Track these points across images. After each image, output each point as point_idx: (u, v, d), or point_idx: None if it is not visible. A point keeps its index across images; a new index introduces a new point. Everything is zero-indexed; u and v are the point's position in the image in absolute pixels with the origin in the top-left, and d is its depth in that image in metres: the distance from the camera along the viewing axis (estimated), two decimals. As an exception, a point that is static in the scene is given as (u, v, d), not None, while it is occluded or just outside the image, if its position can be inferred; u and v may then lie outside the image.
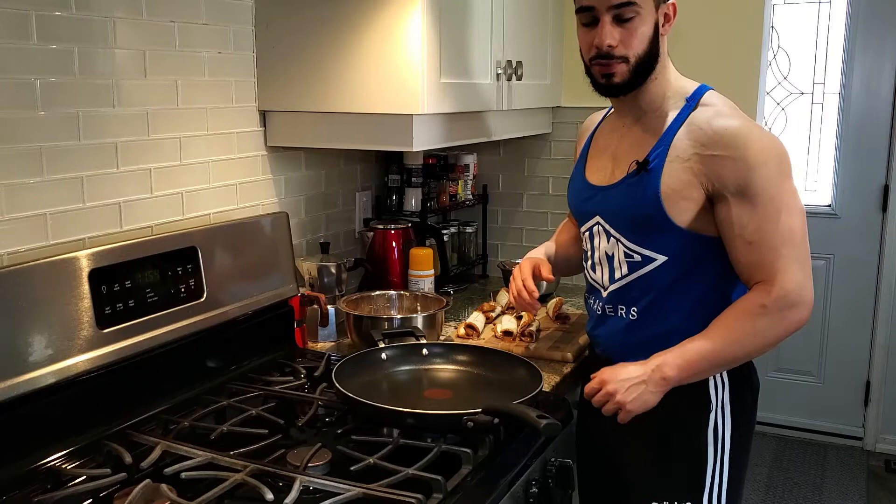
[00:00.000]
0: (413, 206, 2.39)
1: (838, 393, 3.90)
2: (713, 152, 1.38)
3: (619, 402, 1.37)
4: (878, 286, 3.74)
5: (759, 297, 1.38)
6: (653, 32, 1.42)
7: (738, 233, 1.39)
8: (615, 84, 1.45)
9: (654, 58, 1.44)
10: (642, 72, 1.44)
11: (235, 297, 1.71)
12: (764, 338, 1.39)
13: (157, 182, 1.66)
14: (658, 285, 1.48)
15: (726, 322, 1.40)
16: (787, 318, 1.38)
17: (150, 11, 1.60)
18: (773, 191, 1.37)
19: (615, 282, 1.53)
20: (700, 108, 1.44)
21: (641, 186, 1.45)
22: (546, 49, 2.44)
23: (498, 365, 1.63)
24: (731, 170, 1.37)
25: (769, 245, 1.37)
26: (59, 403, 1.34)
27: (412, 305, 2.03)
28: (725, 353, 1.40)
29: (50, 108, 1.43)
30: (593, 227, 1.57)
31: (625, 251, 1.50)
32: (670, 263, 1.46)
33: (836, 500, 3.38)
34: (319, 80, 1.84)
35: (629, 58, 1.42)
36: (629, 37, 1.41)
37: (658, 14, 1.42)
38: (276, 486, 1.20)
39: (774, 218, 1.37)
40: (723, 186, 1.38)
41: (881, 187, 3.70)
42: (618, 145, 1.55)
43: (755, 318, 1.38)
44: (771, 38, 3.77)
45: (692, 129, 1.42)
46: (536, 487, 1.41)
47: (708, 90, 1.48)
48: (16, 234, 1.39)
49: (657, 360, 1.39)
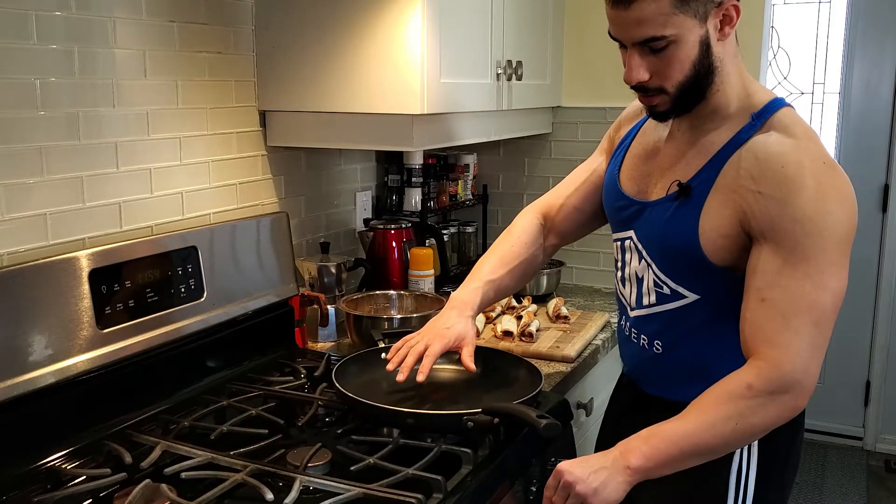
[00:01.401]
0: (413, 206, 2.39)
1: (838, 393, 3.90)
2: (760, 189, 1.17)
3: (579, 495, 1.15)
4: (878, 286, 3.74)
5: (747, 376, 1.15)
6: (698, 52, 1.20)
7: (756, 284, 1.18)
8: (660, 112, 1.29)
9: (706, 75, 1.23)
10: (691, 96, 1.25)
11: (235, 297, 1.71)
12: (747, 424, 1.15)
13: (156, 182, 1.66)
14: (687, 325, 1.32)
15: (704, 403, 1.17)
16: (776, 402, 1.14)
17: (150, 11, 1.60)
18: (814, 252, 1.14)
19: (642, 307, 1.39)
20: (765, 134, 1.21)
21: (678, 215, 1.27)
22: (546, 49, 2.44)
23: (498, 365, 1.63)
24: (775, 213, 1.15)
25: (781, 311, 1.15)
26: (59, 403, 1.34)
27: (412, 305, 2.03)
28: (703, 438, 1.15)
29: (50, 108, 1.43)
30: (626, 240, 1.40)
31: (654, 279, 1.34)
32: (702, 303, 1.29)
33: (836, 500, 3.38)
34: (319, 80, 1.84)
35: (667, 89, 1.23)
36: (665, 67, 1.21)
37: (707, 25, 1.20)
38: (276, 486, 1.20)
39: (801, 284, 1.14)
40: (759, 228, 1.18)
41: (881, 187, 3.70)
42: (664, 153, 1.36)
43: (737, 401, 1.14)
44: (771, 38, 3.76)
45: (747, 156, 1.20)
46: (536, 487, 1.41)
47: (783, 107, 1.24)
48: (16, 234, 1.39)
49: (621, 447, 1.18)
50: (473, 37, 1.99)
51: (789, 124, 1.21)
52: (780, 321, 1.15)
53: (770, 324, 1.16)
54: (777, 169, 1.16)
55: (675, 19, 1.17)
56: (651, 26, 1.18)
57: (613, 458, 1.17)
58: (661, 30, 1.17)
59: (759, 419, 1.15)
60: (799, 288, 1.14)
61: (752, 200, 1.18)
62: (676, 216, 1.27)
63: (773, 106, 1.24)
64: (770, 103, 1.25)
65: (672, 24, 1.17)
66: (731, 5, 1.20)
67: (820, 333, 1.15)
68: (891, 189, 3.66)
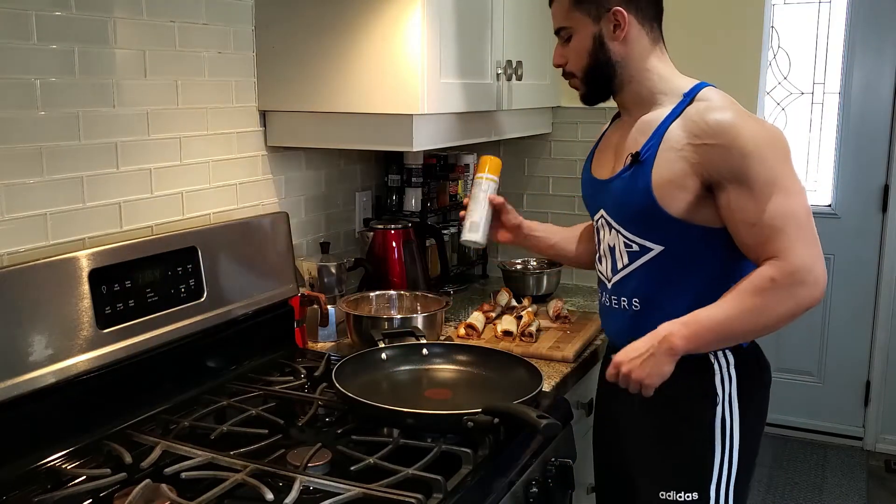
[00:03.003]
0: (413, 206, 2.39)
1: (838, 393, 3.90)
2: (705, 141, 1.40)
3: (636, 380, 1.41)
4: (878, 286, 3.74)
5: (769, 271, 1.37)
6: (592, 45, 1.50)
7: (739, 217, 1.40)
8: (582, 95, 1.59)
9: (606, 66, 1.51)
10: (598, 81, 1.54)
11: (235, 297, 1.71)
12: (774, 313, 1.38)
13: (157, 182, 1.66)
14: (657, 275, 1.50)
15: (736, 295, 1.40)
16: (797, 294, 1.37)
17: (150, 11, 1.60)
18: (770, 174, 1.37)
19: (617, 272, 1.56)
20: (695, 103, 1.45)
21: (634, 179, 1.47)
22: (546, 49, 2.43)
23: (498, 365, 1.63)
24: (725, 158, 1.38)
25: (772, 226, 1.37)
26: (59, 403, 1.34)
27: (412, 305, 2.03)
28: (734, 325, 1.40)
29: (50, 108, 1.43)
30: (599, 220, 1.61)
31: (625, 241, 1.53)
32: (667, 253, 1.48)
33: (836, 500, 3.38)
34: (319, 80, 1.84)
35: (575, 73, 1.55)
36: (572, 54, 1.54)
37: (601, 26, 1.49)
38: (276, 486, 1.20)
39: (774, 200, 1.37)
40: (719, 175, 1.40)
41: (881, 187, 3.70)
42: (619, 141, 1.58)
43: (765, 293, 1.37)
44: (771, 38, 3.77)
45: (686, 122, 1.44)
46: (536, 487, 1.41)
47: (705, 87, 1.49)
48: (16, 234, 1.39)
49: (664, 331, 1.40)
50: (473, 37, 1.99)
51: (713, 96, 1.46)
52: (777, 233, 1.37)
53: (770, 238, 1.38)
54: (714, 123, 1.40)
55: (573, 15, 1.51)
56: (558, 19, 1.55)
57: (658, 340, 1.40)
58: (564, 22, 1.54)
59: (780, 308, 1.37)
60: (775, 204, 1.37)
61: (703, 152, 1.40)
62: (632, 180, 1.48)
63: (698, 87, 1.49)
64: (697, 85, 1.50)
65: (570, 19, 1.52)
66: (616, 12, 1.48)
67: (809, 230, 1.39)
68: (891, 189, 3.66)
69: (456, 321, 2.14)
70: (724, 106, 1.43)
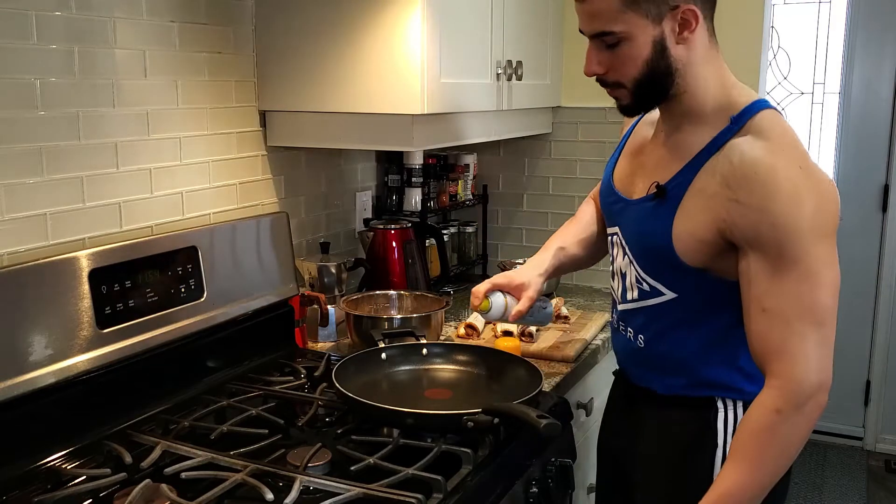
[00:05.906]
0: (413, 206, 2.39)
1: (838, 393, 3.86)
2: (737, 196, 1.18)
3: None
4: (878, 286, 3.74)
5: (772, 402, 1.18)
6: (651, 51, 1.23)
7: (754, 294, 1.19)
8: (624, 106, 1.32)
9: (665, 75, 1.25)
10: (650, 92, 1.28)
11: (235, 296, 1.71)
12: (790, 444, 1.20)
13: (156, 182, 1.66)
14: (666, 321, 1.35)
15: (748, 448, 1.20)
16: (806, 413, 1.18)
17: (150, 11, 1.60)
18: (799, 254, 1.14)
19: (626, 302, 1.42)
20: (740, 138, 1.21)
21: (655, 216, 1.29)
22: (546, 49, 2.44)
23: (498, 365, 1.63)
24: (753, 223, 1.17)
25: (784, 318, 1.16)
26: (59, 403, 1.34)
27: (412, 305, 2.03)
28: (760, 482, 1.20)
29: (50, 108, 1.42)
30: (613, 236, 1.45)
31: (636, 275, 1.37)
32: (679, 301, 1.32)
33: (836, 500, 3.38)
34: (319, 80, 1.84)
35: (624, 83, 1.27)
36: (619, 63, 1.25)
37: (662, 27, 1.22)
38: (276, 486, 1.20)
39: (796, 288, 1.15)
40: (743, 239, 1.19)
41: (881, 187, 3.70)
42: (650, 153, 1.38)
43: (774, 430, 1.18)
44: (771, 38, 3.76)
45: (723, 163, 1.21)
46: (536, 487, 1.41)
47: (763, 108, 1.24)
48: (16, 234, 1.39)
49: None
50: (473, 37, 1.99)
51: (766, 127, 1.21)
52: (784, 328, 1.16)
53: (775, 333, 1.17)
54: (751, 175, 1.16)
55: (625, 17, 1.21)
56: (601, 21, 1.23)
57: None
58: (611, 25, 1.22)
59: (797, 436, 1.20)
60: (795, 292, 1.15)
61: (731, 209, 1.19)
62: (653, 216, 1.30)
63: (753, 108, 1.24)
64: (750, 105, 1.24)
65: (622, 21, 1.22)
66: (686, 9, 1.21)
67: (825, 331, 1.16)
68: (891, 189, 3.66)
69: (456, 321, 2.14)
70: (772, 148, 1.18)
